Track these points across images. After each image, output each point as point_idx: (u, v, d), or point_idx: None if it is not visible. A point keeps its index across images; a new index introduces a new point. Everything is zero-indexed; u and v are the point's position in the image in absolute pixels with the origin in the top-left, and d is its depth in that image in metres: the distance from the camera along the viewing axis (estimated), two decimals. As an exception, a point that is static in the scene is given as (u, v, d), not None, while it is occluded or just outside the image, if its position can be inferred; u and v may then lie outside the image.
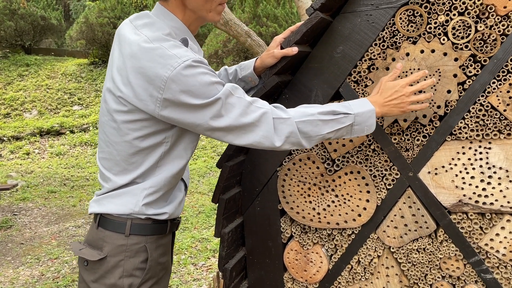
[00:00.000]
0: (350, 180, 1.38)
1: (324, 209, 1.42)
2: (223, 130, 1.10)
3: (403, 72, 1.29)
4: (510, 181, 1.23)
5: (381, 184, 1.36)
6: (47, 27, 11.45)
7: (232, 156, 1.44)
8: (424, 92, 1.27)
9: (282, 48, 1.34)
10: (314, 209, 1.43)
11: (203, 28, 9.88)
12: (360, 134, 1.20)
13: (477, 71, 1.23)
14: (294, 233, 1.49)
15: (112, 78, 1.13)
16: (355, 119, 1.17)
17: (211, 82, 1.06)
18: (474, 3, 1.20)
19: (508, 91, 1.20)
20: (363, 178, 1.37)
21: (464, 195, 1.28)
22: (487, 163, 1.25)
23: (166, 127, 1.14)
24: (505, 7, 1.17)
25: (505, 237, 1.26)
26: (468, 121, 1.25)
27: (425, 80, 1.24)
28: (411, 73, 1.28)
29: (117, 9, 10.60)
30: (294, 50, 1.29)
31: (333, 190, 1.41)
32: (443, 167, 1.29)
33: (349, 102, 1.20)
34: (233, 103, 1.09)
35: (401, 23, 1.27)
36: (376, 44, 1.31)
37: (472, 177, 1.27)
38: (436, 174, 1.30)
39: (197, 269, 3.51)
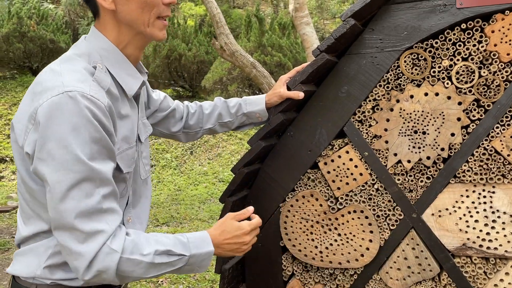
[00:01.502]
0: (353, 219, 1.38)
1: (327, 248, 1.41)
2: (52, 218, 0.91)
3: (408, 114, 1.30)
4: (515, 226, 1.23)
5: (384, 224, 1.35)
6: (55, 50, 11.64)
7: (236, 191, 1.43)
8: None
9: (288, 87, 1.36)
10: (316, 247, 1.42)
11: (209, 55, 10.04)
12: (187, 273, 1.07)
13: (481, 115, 1.24)
14: (296, 271, 1.47)
15: None
16: (188, 261, 1.02)
17: (83, 140, 0.88)
18: (478, 49, 1.23)
19: (512, 136, 1.21)
20: (366, 217, 1.36)
21: (468, 239, 1.27)
22: (491, 207, 1.25)
23: None
24: (508, 54, 1.20)
25: (509, 283, 1.24)
26: (472, 164, 1.25)
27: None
28: (415, 115, 1.29)
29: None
30: (300, 95, 1.31)
31: (336, 228, 1.40)
32: (446, 209, 1.29)
33: (190, 236, 1.05)
34: (87, 193, 0.89)
35: (405, 66, 1.30)
36: (380, 86, 1.33)
37: (476, 221, 1.26)
38: (440, 216, 1.29)
39: (194, 299, 3.45)
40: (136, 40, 1.06)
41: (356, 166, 1.37)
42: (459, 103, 1.25)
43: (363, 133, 1.36)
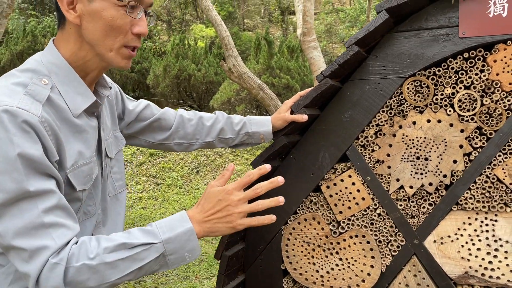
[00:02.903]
0: (355, 243, 1.37)
1: (328, 272, 1.40)
2: None
3: (410, 140, 1.31)
4: (517, 255, 1.22)
5: (386, 250, 1.35)
6: (67, 68, 11.86)
7: (238, 213, 1.44)
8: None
9: (292, 111, 1.38)
10: (317, 271, 1.41)
11: (218, 76, 10.16)
12: (180, 263, 0.93)
13: (483, 143, 1.25)
14: (296, 295, 1.46)
15: None
16: (165, 248, 0.90)
17: (12, 157, 0.82)
18: (480, 78, 1.24)
19: (514, 165, 1.21)
20: (368, 242, 1.36)
21: (470, 267, 1.26)
22: (493, 235, 1.24)
23: None
24: (510, 84, 1.21)
25: (513, 314, 1.23)
26: (474, 192, 1.25)
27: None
28: (417, 141, 1.30)
29: (136, 54, 10.99)
30: (304, 118, 1.32)
31: (337, 253, 1.39)
32: (449, 236, 1.28)
33: (160, 221, 0.94)
34: (24, 209, 0.83)
35: (408, 93, 1.31)
36: (383, 111, 1.35)
37: (478, 249, 1.25)
38: (441, 243, 1.29)
39: (195, 321, 3.41)
40: (97, 60, 1.01)
41: (358, 191, 1.37)
42: (462, 131, 1.26)
43: (366, 157, 1.37)
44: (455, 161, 1.27)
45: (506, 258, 1.23)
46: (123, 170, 1.23)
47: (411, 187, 1.32)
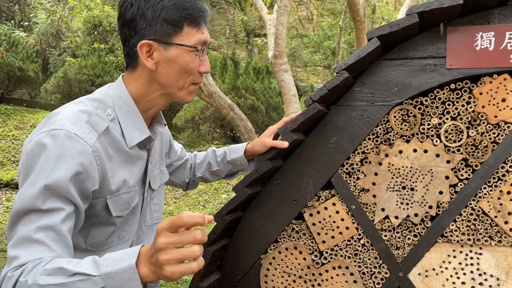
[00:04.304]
0: (337, 275, 1.32)
1: (309, 305, 1.34)
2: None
3: (396, 169, 1.29)
4: (502, 289, 1.21)
5: (370, 283, 1.30)
6: (23, 78, 11.33)
7: (216, 240, 1.36)
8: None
9: (278, 134, 1.34)
10: (297, 304, 1.34)
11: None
12: None
13: (469, 175, 1.24)
14: (274, 329, 1.38)
15: None
16: (106, 283, 0.80)
17: (48, 178, 0.90)
18: (466, 109, 1.25)
19: (499, 198, 1.21)
20: (352, 274, 1.31)
21: (455, 301, 1.23)
22: (478, 269, 1.22)
23: None
24: (496, 117, 1.22)
25: None
26: (459, 224, 1.24)
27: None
28: (404, 170, 1.28)
29: (97, 67, 10.70)
30: (284, 144, 1.29)
31: (319, 284, 1.33)
32: (433, 269, 1.25)
33: (112, 254, 0.84)
34: (28, 222, 0.89)
35: (395, 121, 1.30)
36: (369, 139, 1.32)
37: (463, 283, 1.23)
38: (426, 276, 1.26)
39: None
40: (162, 98, 1.13)
41: (342, 220, 1.33)
42: (448, 162, 1.25)
43: (351, 185, 1.33)
44: (441, 192, 1.26)
45: (490, 292, 1.21)
46: (162, 203, 1.31)
47: (396, 217, 1.29)
